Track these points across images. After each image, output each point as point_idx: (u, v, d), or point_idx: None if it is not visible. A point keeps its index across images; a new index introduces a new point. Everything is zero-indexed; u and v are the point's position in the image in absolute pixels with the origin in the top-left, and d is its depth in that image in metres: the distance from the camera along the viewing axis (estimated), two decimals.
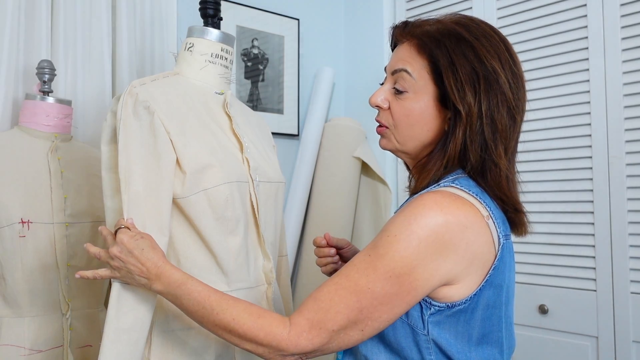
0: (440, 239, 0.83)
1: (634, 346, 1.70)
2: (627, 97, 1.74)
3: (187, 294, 0.92)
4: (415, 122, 0.95)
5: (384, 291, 0.84)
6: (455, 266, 0.85)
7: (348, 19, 2.49)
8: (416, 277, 0.84)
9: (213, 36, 1.19)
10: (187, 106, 1.11)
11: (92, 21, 1.62)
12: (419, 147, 0.97)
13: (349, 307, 0.84)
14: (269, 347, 0.86)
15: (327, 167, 2.22)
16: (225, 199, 1.06)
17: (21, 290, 1.27)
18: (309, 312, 0.86)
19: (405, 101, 0.95)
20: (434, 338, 0.88)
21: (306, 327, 0.85)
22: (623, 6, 1.75)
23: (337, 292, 0.85)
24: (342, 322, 0.84)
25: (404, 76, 0.95)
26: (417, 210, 0.85)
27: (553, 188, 1.88)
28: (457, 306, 0.88)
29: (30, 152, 1.34)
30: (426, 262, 0.83)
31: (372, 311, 0.84)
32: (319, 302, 0.86)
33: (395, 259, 0.83)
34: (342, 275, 0.87)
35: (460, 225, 0.85)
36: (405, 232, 0.84)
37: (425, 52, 0.93)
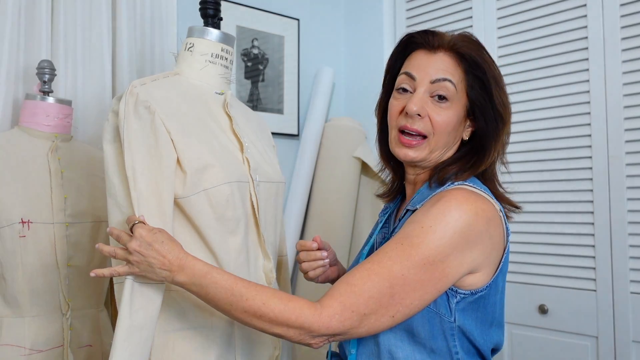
0: (471, 231, 0.91)
1: (633, 346, 1.71)
2: (627, 97, 1.74)
3: (213, 282, 0.93)
4: (452, 130, 1.02)
5: (417, 277, 0.89)
6: (480, 256, 0.94)
7: (348, 19, 2.49)
8: (449, 265, 0.90)
9: (213, 36, 1.19)
10: (187, 106, 1.11)
11: (92, 21, 1.62)
12: (443, 153, 1.04)
13: (381, 292, 0.88)
14: (301, 329, 0.89)
15: (327, 167, 2.22)
16: (225, 199, 1.06)
17: (21, 290, 1.27)
18: (341, 295, 0.89)
19: (447, 110, 1.00)
20: (460, 325, 0.95)
21: (338, 309, 0.88)
22: (623, 6, 1.75)
23: (370, 278, 0.89)
24: (374, 306, 0.88)
25: (448, 86, 1.00)
26: (451, 203, 0.92)
27: (553, 188, 1.88)
28: (479, 292, 0.96)
29: (31, 152, 1.34)
30: (458, 251, 0.91)
31: (404, 297, 0.89)
32: (352, 286, 0.89)
33: (431, 248, 0.89)
34: (373, 262, 0.91)
35: (486, 218, 0.94)
36: (442, 223, 0.90)
37: (464, 64, 1.01)
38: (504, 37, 2.01)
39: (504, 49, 2.01)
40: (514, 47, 1.98)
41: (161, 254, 0.94)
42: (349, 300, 0.88)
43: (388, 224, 1.14)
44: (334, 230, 2.17)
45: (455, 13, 2.15)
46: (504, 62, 2.00)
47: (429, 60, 1.02)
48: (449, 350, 0.96)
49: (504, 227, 0.99)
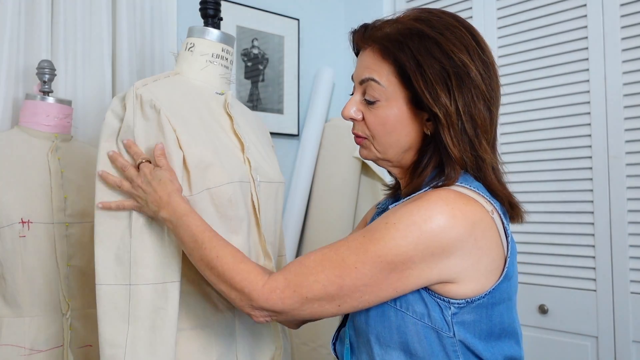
0: (444, 235, 0.82)
1: (634, 346, 1.71)
2: (627, 97, 1.74)
3: (186, 224, 0.94)
4: (392, 130, 0.93)
5: (370, 274, 0.83)
6: (461, 263, 0.84)
7: (348, 19, 2.49)
8: (410, 267, 0.83)
9: (214, 36, 1.19)
10: (189, 106, 1.11)
11: (92, 21, 1.62)
12: (400, 153, 0.95)
13: (329, 280, 0.84)
14: (241, 293, 0.88)
15: (327, 167, 2.22)
16: (228, 198, 1.06)
17: (21, 290, 1.27)
18: (289, 272, 0.87)
19: (379, 110, 0.93)
20: (461, 339, 0.86)
21: (281, 285, 0.86)
22: (623, 6, 1.75)
23: (321, 262, 0.86)
24: (319, 292, 0.85)
25: (373, 85, 0.92)
26: (422, 203, 0.84)
27: (553, 188, 1.88)
28: (477, 301, 0.86)
29: (31, 152, 1.34)
30: (425, 255, 0.82)
31: (354, 290, 0.84)
32: (302, 266, 0.87)
33: (390, 246, 0.82)
34: (331, 247, 0.87)
35: (467, 221, 0.83)
36: (406, 222, 0.83)
37: (390, 56, 0.90)
38: (504, 37, 2.01)
39: (504, 49, 2.01)
40: (514, 47, 1.98)
41: (156, 190, 0.97)
42: (295, 279, 0.86)
43: None
44: (334, 230, 2.17)
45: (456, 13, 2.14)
46: (504, 62, 2.00)
47: (359, 59, 0.96)
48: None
49: (497, 228, 0.88)
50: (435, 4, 2.22)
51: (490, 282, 0.87)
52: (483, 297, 0.86)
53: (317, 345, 2.07)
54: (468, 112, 0.88)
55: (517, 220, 0.97)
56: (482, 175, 0.91)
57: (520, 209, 0.96)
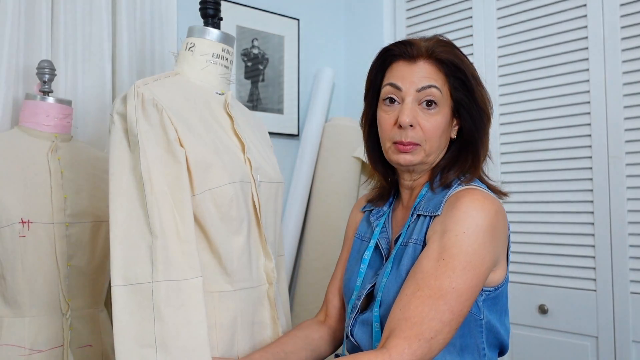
0: (494, 228, 0.96)
1: (634, 346, 1.71)
2: (627, 97, 1.74)
3: None
4: (442, 133, 1.06)
5: (465, 285, 0.93)
6: (498, 250, 0.99)
7: (348, 19, 2.49)
8: (485, 265, 0.95)
9: (214, 36, 1.19)
10: (190, 106, 1.11)
11: (92, 21, 1.62)
12: (438, 155, 1.08)
13: (440, 312, 0.91)
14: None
15: (327, 167, 2.22)
16: (229, 199, 1.06)
17: (21, 290, 1.27)
18: (403, 331, 0.91)
19: (435, 115, 1.04)
20: (487, 320, 1.00)
21: (405, 344, 0.90)
22: (623, 6, 1.75)
23: (425, 304, 0.92)
24: (438, 327, 0.91)
25: (434, 92, 1.04)
26: (474, 205, 0.96)
27: (553, 188, 1.88)
28: (500, 287, 1.02)
29: (31, 152, 1.34)
30: (489, 249, 0.95)
31: (461, 308, 0.93)
32: (410, 320, 0.92)
33: (470, 253, 0.93)
34: (421, 287, 0.93)
35: (502, 213, 0.99)
36: (472, 227, 0.94)
37: (444, 68, 1.04)
38: (504, 37, 2.01)
39: (504, 49, 2.01)
40: (514, 47, 1.98)
41: None
42: (412, 333, 0.90)
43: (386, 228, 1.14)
44: (334, 230, 2.17)
45: (455, 13, 2.15)
46: (504, 62, 2.00)
47: (411, 70, 1.05)
48: (477, 347, 1.00)
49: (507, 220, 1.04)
50: (436, 4, 2.22)
51: (504, 267, 1.04)
52: (504, 283, 1.03)
53: None
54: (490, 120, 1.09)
55: None
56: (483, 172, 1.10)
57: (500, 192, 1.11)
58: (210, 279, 1.06)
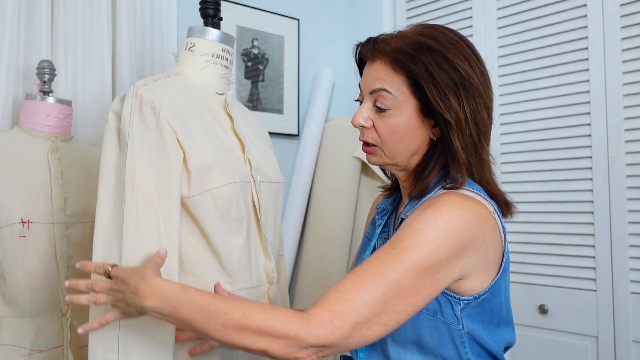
0: (463, 236, 0.88)
1: (634, 346, 1.71)
2: (627, 97, 1.74)
3: (186, 301, 0.87)
4: (402, 136, 0.99)
5: (410, 283, 0.85)
6: (471, 261, 0.91)
7: (348, 19, 2.49)
8: (440, 270, 0.87)
9: (214, 36, 1.19)
10: (190, 106, 1.11)
11: (92, 21, 1.62)
12: (407, 158, 1.01)
13: (374, 299, 0.84)
14: (287, 339, 0.83)
15: (327, 167, 2.22)
16: (229, 199, 1.06)
17: (21, 290, 1.27)
18: (330, 303, 0.85)
19: (389, 118, 0.98)
20: (468, 331, 0.94)
21: (327, 317, 0.83)
22: (623, 6, 1.75)
23: (362, 284, 0.85)
24: (367, 314, 0.84)
25: (384, 95, 0.97)
26: (442, 208, 0.90)
27: (553, 188, 1.88)
28: (482, 296, 0.94)
29: (31, 152, 1.34)
30: (450, 256, 0.88)
31: (397, 304, 0.85)
32: (343, 293, 0.85)
33: (424, 252, 0.86)
34: (364, 268, 0.87)
35: (478, 221, 0.91)
36: (433, 227, 0.87)
37: (401, 68, 0.96)
38: (504, 37, 2.01)
39: (504, 49, 2.01)
40: (514, 47, 1.98)
41: (129, 282, 0.91)
42: (339, 308, 0.83)
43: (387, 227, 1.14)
44: (334, 230, 2.17)
45: (455, 13, 2.15)
46: (504, 62, 2.00)
47: (368, 70, 1.01)
48: (460, 357, 0.94)
49: (499, 227, 0.96)
50: (436, 4, 2.22)
51: (491, 276, 0.95)
52: (487, 292, 0.94)
53: None
54: (473, 118, 0.96)
55: (507, 216, 1.03)
56: (483, 176, 0.99)
57: (512, 206, 1.02)
58: (210, 279, 1.07)
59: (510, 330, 1.02)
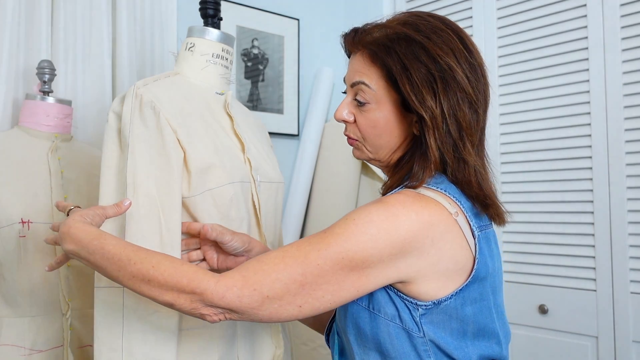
0: (402, 235, 0.83)
1: (634, 346, 1.71)
2: (627, 97, 1.74)
3: (100, 247, 0.87)
4: (382, 132, 0.95)
5: (332, 271, 0.82)
6: (418, 262, 0.85)
7: (348, 19, 2.48)
8: (370, 266, 0.83)
9: (214, 36, 1.19)
10: (190, 106, 1.11)
11: (92, 21, 1.62)
12: (389, 154, 0.98)
13: (291, 278, 0.82)
14: (192, 294, 0.82)
15: (327, 167, 2.22)
16: (229, 199, 1.06)
17: (21, 290, 1.27)
18: (247, 270, 0.83)
19: (369, 112, 0.95)
20: (431, 338, 0.87)
21: (239, 282, 0.82)
22: (623, 6, 1.75)
23: (283, 259, 0.83)
24: (280, 291, 0.82)
25: (363, 88, 0.94)
26: (384, 204, 0.85)
27: (553, 188, 1.88)
28: (444, 302, 0.87)
29: (30, 152, 1.34)
30: (383, 254, 0.83)
31: (316, 288, 0.82)
32: (262, 264, 0.83)
33: (351, 242, 0.82)
34: (293, 244, 0.85)
35: (424, 222, 0.84)
36: (365, 219, 0.83)
37: (378, 61, 0.92)
38: (504, 37, 2.01)
39: (504, 49, 2.01)
40: (514, 47, 1.98)
41: (61, 227, 0.93)
42: (253, 277, 0.82)
43: None
44: None
45: (456, 13, 2.15)
46: (504, 62, 2.00)
47: (350, 63, 0.98)
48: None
49: (462, 230, 0.88)
50: (436, 4, 2.22)
51: (456, 283, 0.87)
52: (450, 298, 0.87)
53: (317, 345, 2.07)
54: (453, 114, 0.89)
55: (497, 222, 0.96)
56: (462, 177, 0.91)
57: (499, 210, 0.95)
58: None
59: (494, 344, 0.92)
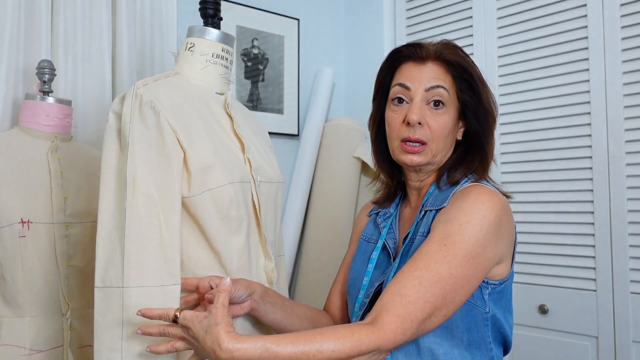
0: (500, 223, 0.98)
1: (634, 346, 1.71)
2: (627, 97, 1.74)
3: (273, 356, 0.87)
4: (448, 133, 1.08)
5: (463, 274, 0.94)
6: (505, 244, 1.01)
7: (348, 19, 2.49)
8: (487, 257, 0.96)
9: (214, 36, 1.19)
10: (190, 106, 1.10)
11: (92, 21, 1.62)
12: (443, 155, 1.10)
13: (435, 295, 0.92)
14: (371, 352, 0.90)
15: (327, 167, 2.22)
16: (230, 199, 1.06)
17: (21, 290, 1.27)
18: (396, 308, 0.91)
19: (442, 115, 1.07)
20: (493, 314, 1.02)
21: (399, 322, 0.90)
22: (623, 6, 1.75)
23: (421, 285, 0.92)
24: (430, 310, 0.92)
25: (442, 92, 1.07)
26: (481, 198, 0.98)
27: (553, 188, 1.88)
28: (505, 282, 1.04)
29: (31, 152, 1.34)
30: (492, 242, 0.97)
31: (454, 295, 0.94)
32: (405, 297, 0.92)
33: (472, 242, 0.94)
34: (420, 268, 0.94)
35: (507, 209, 1.01)
36: (477, 217, 0.96)
37: (453, 71, 1.08)
38: (504, 37, 2.01)
39: (504, 49, 2.01)
40: (514, 47, 1.98)
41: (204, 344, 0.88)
42: (406, 311, 0.91)
43: (393, 229, 1.15)
44: (334, 230, 2.17)
45: (455, 13, 2.15)
46: (504, 62, 2.00)
47: (420, 71, 1.08)
48: (484, 341, 1.02)
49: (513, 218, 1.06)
50: (436, 4, 2.22)
51: (510, 265, 1.05)
52: (508, 279, 1.04)
53: None
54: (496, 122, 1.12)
55: None
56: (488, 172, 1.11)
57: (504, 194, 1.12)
58: None
59: (512, 318, 1.10)
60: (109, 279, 0.99)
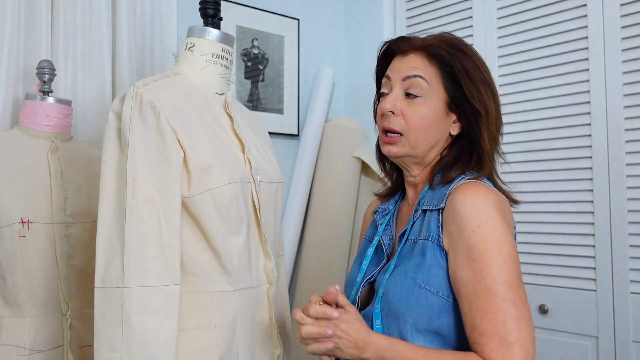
0: (503, 214, 0.97)
1: (634, 346, 1.71)
2: (627, 97, 1.74)
3: (396, 355, 0.93)
4: (429, 125, 1.04)
5: (508, 274, 0.93)
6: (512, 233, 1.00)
7: (348, 19, 2.49)
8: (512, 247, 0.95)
9: (214, 36, 1.19)
10: (190, 106, 1.11)
11: (92, 21, 1.62)
12: (427, 150, 1.06)
13: (503, 311, 0.92)
14: None
15: (327, 167, 2.22)
16: (230, 199, 1.06)
17: (21, 290, 1.27)
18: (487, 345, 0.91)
19: (420, 105, 1.04)
20: None
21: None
22: (623, 6, 1.75)
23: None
24: (512, 326, 0.93)
25: (419, 82, 1.04)
26: (477, 196, 0.97)
27: (553, 188, 1.88)
28: None
29: (30, 152, 1.34)
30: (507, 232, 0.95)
31: (514, 296, 0.94)
32: (484, 332, 0.92)
33: (494, 243, 0.93)
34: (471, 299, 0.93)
35: (504, 203, 1.01)
36: (485, 218, 0.95)
37: (436, 60, 1.04)
38: (504, 37, 2.01)
39: (504, 49, 2.01)
40: (514, 47, 1.98)
41: (348, 333, 0.95)
42: (495, 345, 0.91)
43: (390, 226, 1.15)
44: (334, 230, 2.17)
45: (455, 13, 2.15)
46: (504, 62, 2.00)
47: (401, 61, 1.08)
48: None
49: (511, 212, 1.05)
50: (436, 4, 2.22)
51: None
52: None
53: None
54: (496, 115, 1.07)
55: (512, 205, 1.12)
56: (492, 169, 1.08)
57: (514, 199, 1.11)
58: (210, 279, 1.07)
59: None
60: (109, 279, 0.99)
